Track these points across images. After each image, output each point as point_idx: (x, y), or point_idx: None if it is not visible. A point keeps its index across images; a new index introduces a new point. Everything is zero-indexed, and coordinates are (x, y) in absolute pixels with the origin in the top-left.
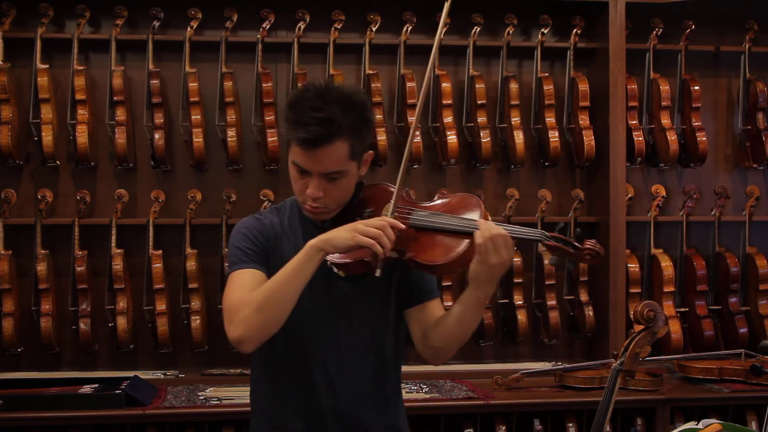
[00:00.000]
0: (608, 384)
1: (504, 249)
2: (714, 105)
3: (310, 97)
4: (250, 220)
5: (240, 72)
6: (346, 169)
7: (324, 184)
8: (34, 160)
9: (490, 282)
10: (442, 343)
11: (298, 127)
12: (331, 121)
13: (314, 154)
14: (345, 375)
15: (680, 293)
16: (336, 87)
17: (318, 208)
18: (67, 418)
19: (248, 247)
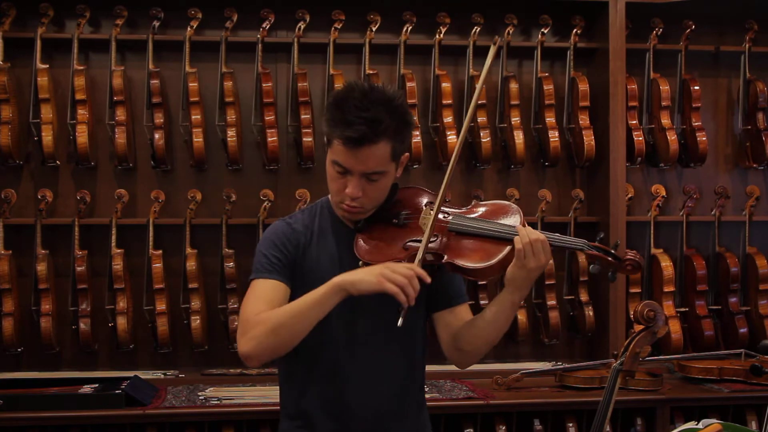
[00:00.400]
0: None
1: (542, 253)
2: (714, 105)
3: (356, 97)
4: (281, 225)
5: (240, 72)
6: (386, 169)
7: (363, 184)
8: (34, 160)
9: (527, 285)
10: (473, 346)
11: (344, 125)
12: (378, 121)
13: (358, 153)
14: (374, 378)
15: (680, 293)
16: (380, 89)
17: (356, 208)
18: (67, 418)
19: (274, 255)
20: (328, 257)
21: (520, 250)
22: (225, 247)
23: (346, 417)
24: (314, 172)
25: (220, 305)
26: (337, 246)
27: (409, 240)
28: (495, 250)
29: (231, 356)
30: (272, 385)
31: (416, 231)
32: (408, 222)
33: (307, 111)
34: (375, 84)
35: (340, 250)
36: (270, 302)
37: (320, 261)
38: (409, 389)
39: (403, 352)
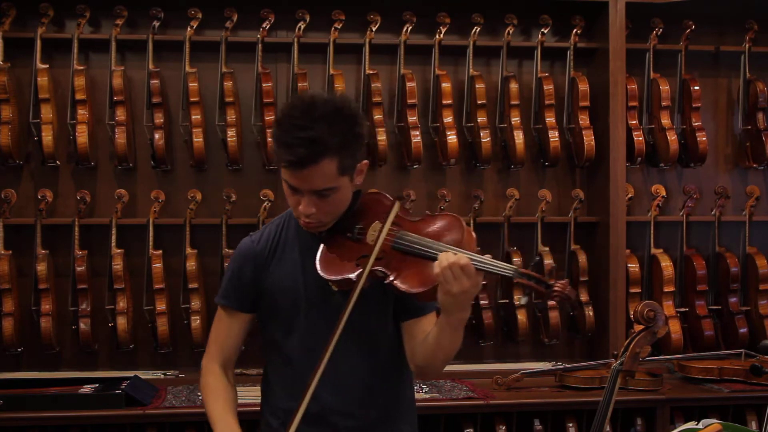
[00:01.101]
0: (608, 384)
1: (464, 278)
2: (714, 105)
3: (295, 116)
4: (245, 245)
5: (240, 72)
6: (336, 185)
7: (315, 201)
8: (34, 160)
9: (459, 309)
10: (425, 362)
11: (284, 148)
12: (317, 141)
13: (301, 175)
14: (342, 387)
15: (680, 293)
16: (324, 101)
17: (311, 224)
18: (67, 418)
19: (231, 281)
20: (291, 266)
21: (439, 275)
22: (225, 247)
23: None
24: None
25: None
26: (301, 255)
27: (361, 256)
28: (431, 274)
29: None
30: None
31: (368, 247)
32: (361, 237)
33: None
34: (320, 95)
35: (304, 259)
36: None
37: (284, 271)
38: (379, 401)
39: (369, 363)
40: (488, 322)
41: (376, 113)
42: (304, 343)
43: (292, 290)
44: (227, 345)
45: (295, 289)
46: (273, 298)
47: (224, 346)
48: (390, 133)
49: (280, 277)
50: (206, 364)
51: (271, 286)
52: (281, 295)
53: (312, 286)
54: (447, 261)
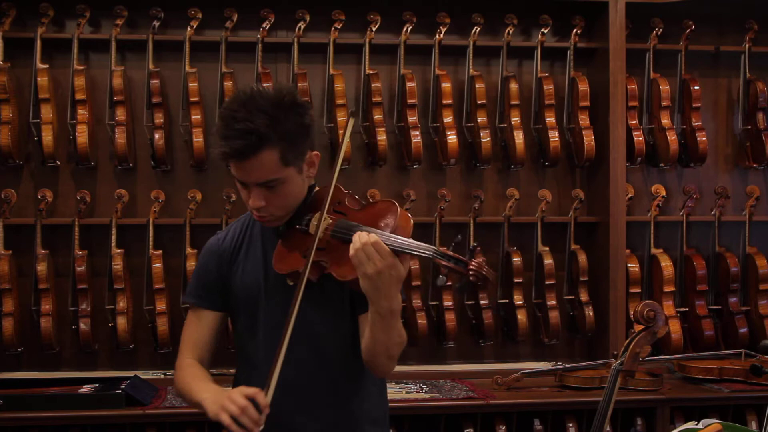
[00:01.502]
0: (608, 384)
1: (377, 258)
2: (714, 105)
3: (234, 108)
4: (212, 243)
5: (240, 72)
6: (281, 176)
7: (264, 193)
8: (34, 160)
9: (380, 294)
10: (368, 357)
11: (222, 140)
12: (251, 132)
13: (244, 167)
14: (300, 387)
15: (680, 293)
16: (264, 93)
17: (264, 217)
18: (67, 418)
19: (199, 279)
20: (255, 262)
21: (353, 257)
22: None
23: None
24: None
25: None
26: (264, 252)
27: (307, 247)
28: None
29: (231, 356)
30: None
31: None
32: (307, 228)
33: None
34: (261, 88)
35: (266, 256)
36: (194, 341)
37: (245, 270)
38: (339, 397)
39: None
40: (488, 322)
41: (376, 113)
42: (266, 341)
43: (254, 287)
44: (199, 344)
45: (257, 285)
46: (237, 296)
47: (196, 345)
48: (390, 133)
49: (243, 274)
50: (178, 363)
51: (236, 283)
52: (244, 292)
53: (273, 282)
54: (359, 241)
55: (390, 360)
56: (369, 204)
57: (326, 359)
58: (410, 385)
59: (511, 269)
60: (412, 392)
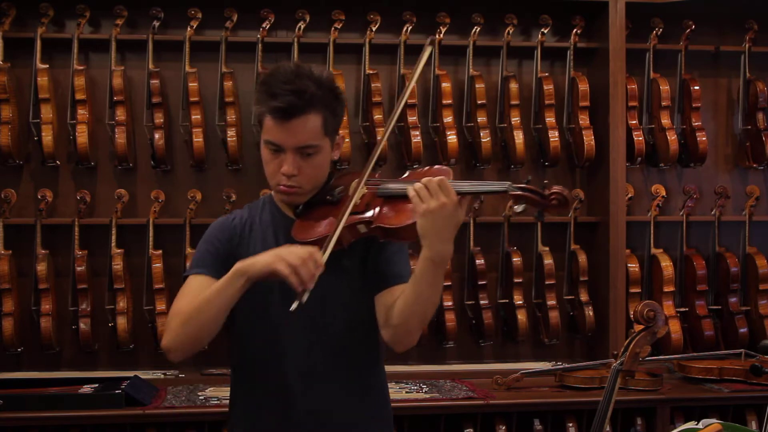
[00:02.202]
0: (608, 384)
1: (441, 193)
2: (714, 105)
3: (282, 73)
4: (220, 220)
5: (240, 72)
6: (320, 144)
7: (298, 161)
8: (34, 160)
9: (438, 235)
10: (401, 319)
11: (271, 98)
12: (304, 91)
13: (289, 126)
14: (315, 363)
15: (680, 293)
16: (307, 66)
17: (293, 188)
18: (67, 418)
19: (207, 250)
20: (266, 246)
21: (418, 190)
22: None
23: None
24: None
25: None
26: (276, 237)
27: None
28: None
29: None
30: None
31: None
32: (341, 196)
33: None
34: (302, 64)
35: (278, 241)
36: (195, 298)
37: (257, 250)
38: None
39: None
40: (488, 322)
41: (376, 113)
42: (274, 324)
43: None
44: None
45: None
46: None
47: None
48: (390, 132)
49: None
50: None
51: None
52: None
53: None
54: (422, 181)
55: (421, 325)
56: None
57: (338, 333)
58: (410, 385)
59: (511, 269)
60: (412, 392)
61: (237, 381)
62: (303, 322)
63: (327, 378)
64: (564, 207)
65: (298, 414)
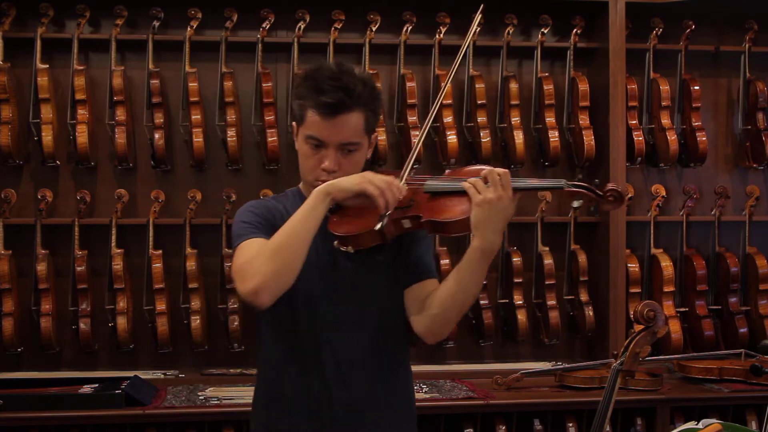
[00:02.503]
0: (608, 384)
1: (500, 186)
2: (714, 105)
3: (327, 69)
4: (254, 201)
5: (240, 72)
6: (361, 141)
7: (339, 158)
8: (34, 160)
9: (491, 226)
10: (441, 308)
11: (319, 93)
12: (352, 89)
13: (334, 122)
14: (352, 355)
15: (680, 293)
16: (350, 66)
17: None
18: (67, 418)
19: (256, 220)
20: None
21: (475, 182)
22: (225, 247)
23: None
24: None
25: (220, 305)
26: None
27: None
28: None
29: (231, 356)
30: None
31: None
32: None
33: None
34: (344, 63)
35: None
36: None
37: None
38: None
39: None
40: (488, 322)
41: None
42: (314, 318)
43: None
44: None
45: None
46: None
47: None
48: (390, 133)
49: None
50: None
51: None
52: None
53: (322, 255)
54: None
55: (459, 315)
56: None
57: (375, 326)
58: None
59: (511, 269)
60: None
61: (267, 377)
62: (342, 317)
63: (362, 371)
64: (620, 203)
65: (333, 407)
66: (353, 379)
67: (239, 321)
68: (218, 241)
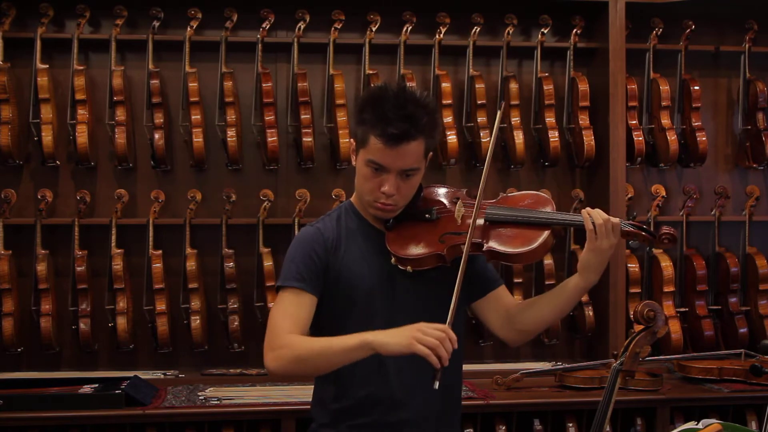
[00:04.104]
0: (608, 384)
1: (612, 234)
2: (714, 105)
3: (391, 96)
4: (310, 231)
5: (240, 72)
6: (420, 166)
7: (398, 182)
8: (34, 160)
9: (598, 270)
10: (533, 327)
11: (384, 122)
12: (416, 118)
13: (396, 151)
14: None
15: (680, 293)
16: (410, 88)
17: (389, 206)
18: (67, 418)
19: (304, 264)
20: (357, 258)
21: (592, 231)
22: (225, 247)
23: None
24: (314, 172)
25: (220, 305)
26: (366, 246)
27: (445, 233)
28: (534, 236)
29: (231, 356)
30: (272, 385)
31: (449, 224)
32: (441, 216)
33: (307, 111)
34: (406, 86)
35: (369, 251)
36: (297, 320)
37: (350, 262)
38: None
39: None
40: None
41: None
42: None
43: (364, 277)
44: (301, 325)
45: (367, 275)
46: (347, 286)
47: (298, 326)
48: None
49: (347, 266)
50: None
51: (343, 273)
52: (354, 282)
53: (379, 273)
54: (601, 218)
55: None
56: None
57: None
58: None
59: (511, 269)
60: None
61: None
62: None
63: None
64: (673, 244)
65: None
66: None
67: (239, 321)
68: (218, 241)
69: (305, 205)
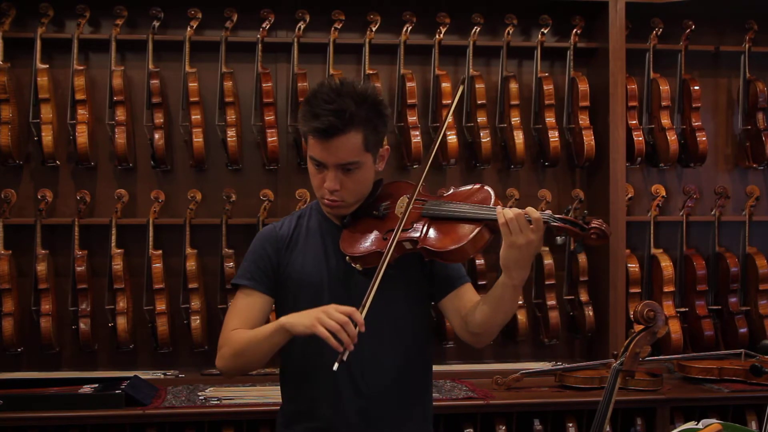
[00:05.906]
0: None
1: (527, 229)
2: (714, 105)
3: (324, 92)
4: (266, 231)
5: (240, 72)
6: (360, 160)
7: (340, 177)
8: (34, 160)
9: (520, 266)
10: (482, 329)
11: (312, 118)
12: (344, 111)
13: (329, 145)
14: (369, 373)
15: (680, 293)
16: (350, 83)
17: (336, 202)
18: (67, 418)
19: (255, 263)
20: (313, 255)
21: (504, 226)
22: (225, 247)
23: (343, 415)
24: None
25: (220, 305)
26: (324, 244)
27: (388, 230)
28: (466, 232)
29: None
30: (272, 385)
31: (395, 220)
32: (387, 212)
33: None
34: (346, 80)
35: (326, 248)
36: (245, 318)
37: (305, 260)
38: (407, 387)
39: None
40: None
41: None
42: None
43: (315, 275)
44: (248, 323)
45: (319, 274)
46: (296, 284)
47: (245, 323)
48: (390, 133)
49: (302, 263)
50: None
51: (293, 272)
52: (304, 281)
53: (335, 272)
54: (512, 212)
55: (501, 328)
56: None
57: (402, 340)
58: None
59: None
60: None
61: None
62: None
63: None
64: (604, 240)
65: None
66: (374, 395)
67: None
68: (218, 241)
69: (305, 205)
